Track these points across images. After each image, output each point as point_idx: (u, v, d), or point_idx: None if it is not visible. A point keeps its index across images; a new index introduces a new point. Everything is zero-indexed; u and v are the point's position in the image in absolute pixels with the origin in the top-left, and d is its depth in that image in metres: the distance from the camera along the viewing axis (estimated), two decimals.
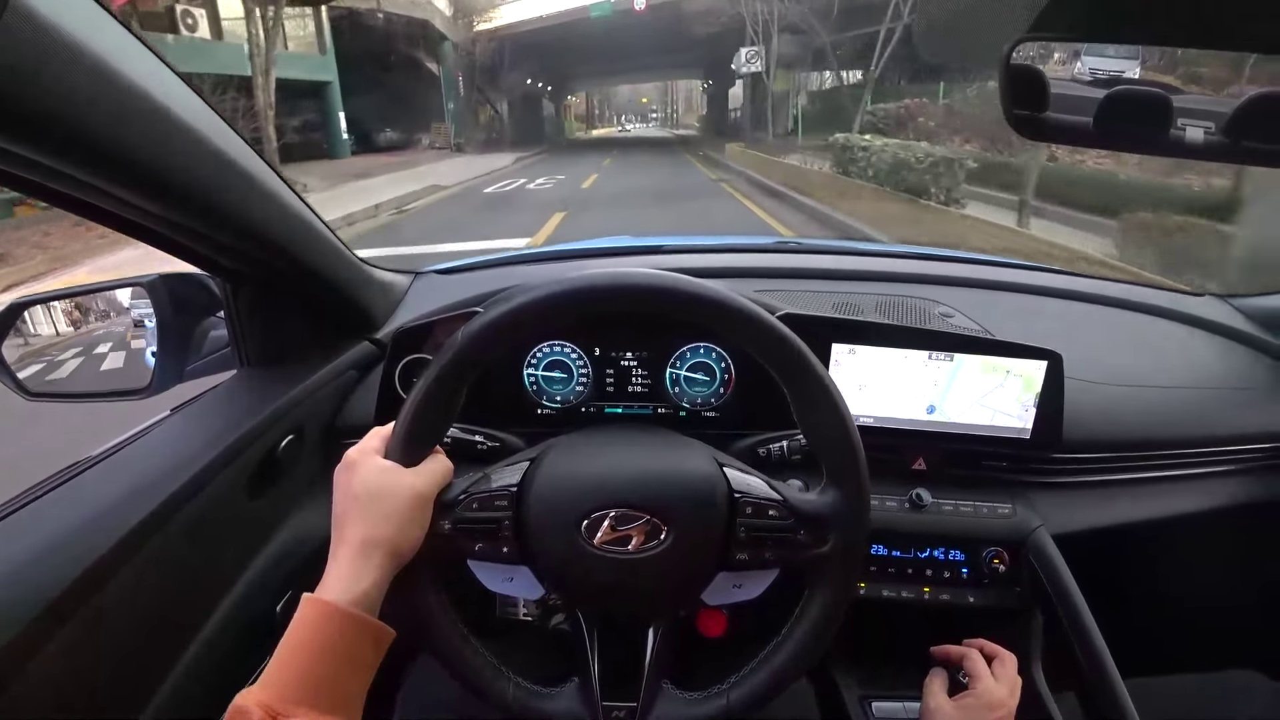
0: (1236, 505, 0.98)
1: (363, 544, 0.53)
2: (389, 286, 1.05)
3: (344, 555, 0.53)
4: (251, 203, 0.67)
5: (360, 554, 0.53)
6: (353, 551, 0.53)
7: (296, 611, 0.51)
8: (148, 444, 0.74)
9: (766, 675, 0.60)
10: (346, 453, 0.58)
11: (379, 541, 0.53)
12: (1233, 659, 1.20)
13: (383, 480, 0.55)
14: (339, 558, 0.53)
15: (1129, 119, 0.68)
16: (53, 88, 0.43)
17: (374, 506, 0.54)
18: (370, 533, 0.53)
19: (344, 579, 0.52)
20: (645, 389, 0.93)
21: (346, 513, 0.55)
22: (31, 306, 0.80)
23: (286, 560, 0.80)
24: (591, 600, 0.64)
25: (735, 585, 0.63)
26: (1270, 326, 1.12)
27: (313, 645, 0.50)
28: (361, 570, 0.52)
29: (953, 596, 0.90)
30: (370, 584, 0.52)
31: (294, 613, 0.51)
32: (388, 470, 0.56)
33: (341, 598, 0.51)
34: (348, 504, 0.55)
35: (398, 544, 0.54)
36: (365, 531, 0.53)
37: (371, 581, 0.52)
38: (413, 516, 0.55)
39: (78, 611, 0.55)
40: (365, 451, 0.58)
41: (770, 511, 0.59)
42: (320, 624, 0.50)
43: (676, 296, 0.57)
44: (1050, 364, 0.86)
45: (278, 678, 0.48)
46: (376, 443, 0.59)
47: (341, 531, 0.54)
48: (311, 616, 0.50)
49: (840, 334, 0.87)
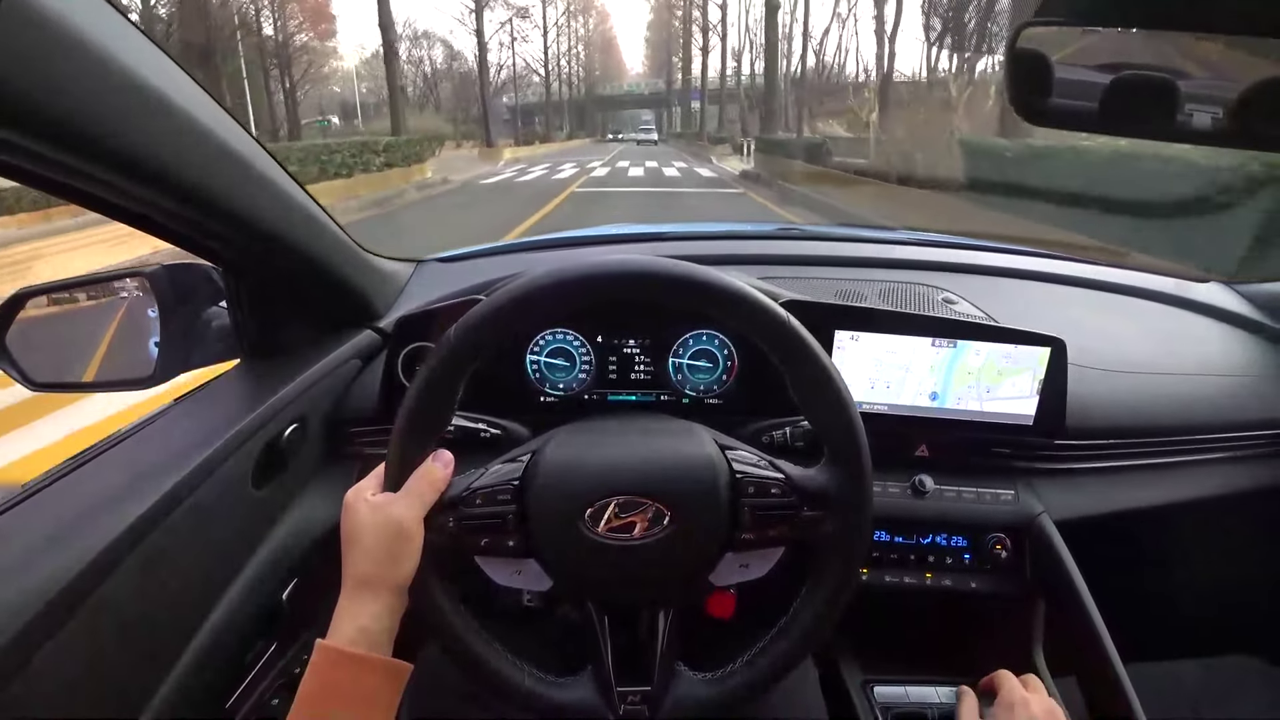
0: (1239, 492, 0.98)
1: (357, 583, 0.56)
2: (391, 275, 1.05)
3: (344, 595, 0.56)
4: (253, 193, 0.67)
5: (354, 592, 0.55)
6: (350, 591, 0.56)
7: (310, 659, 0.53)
8: (151, 434, 0.74)
9: (776, 653, 0.60)
10: (346, 495, 0.60)
11: (370, 578, 0.55)
12: (1234, 645, 1.20)
13: (367, 519, 0.56)
14: (341, 598, 0.56)
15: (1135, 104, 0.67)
16: (53, 78, 0.42)
17: (361, 545, 0.56)
18: (360, 571, 0.56)
19: (343, 618, 0.55)
20: (648, 376, 0.93)
21: (344, 553, 0.57)
22: (35, 296, 0.80)
23: (291, 549, 0.81)
24: (599, 589, 0.64)
25: (742, 565, 0.63)
26: (1275, 312, 1.12)
27: (322, 691, 0.52)
28: (359, 608, 0.55)
29: (955, 582, 0.91)
30: (369, 619, 0.54)
31: (299, 601, 0.52)
32: (373, 507, 0.57)
33: (344, 637, 0.53)
34: (344, 546, 0.58)
35: (386, 578, 0.56)
36: (357, 570, 0.56)
37: (370, 616, 0.54)
38: (396, 550, 0.56)
39: (83, 603, 0.55)
40: (359, 492, 0.59)
41: (773, 490, 0.59)
42: (325, 669, 0.53)
43: (674, 282, 0.57)
44: (1053, 350, 0.85)
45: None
46: (372, 481, 0.60)
47: (344, 572, 0.57)
48: (318, 663, 0.53)
49: (843, 320, 0.87)
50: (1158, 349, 1.06)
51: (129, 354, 0.83)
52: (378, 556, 0.55)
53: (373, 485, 0.59)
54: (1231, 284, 1.21)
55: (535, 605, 0.97)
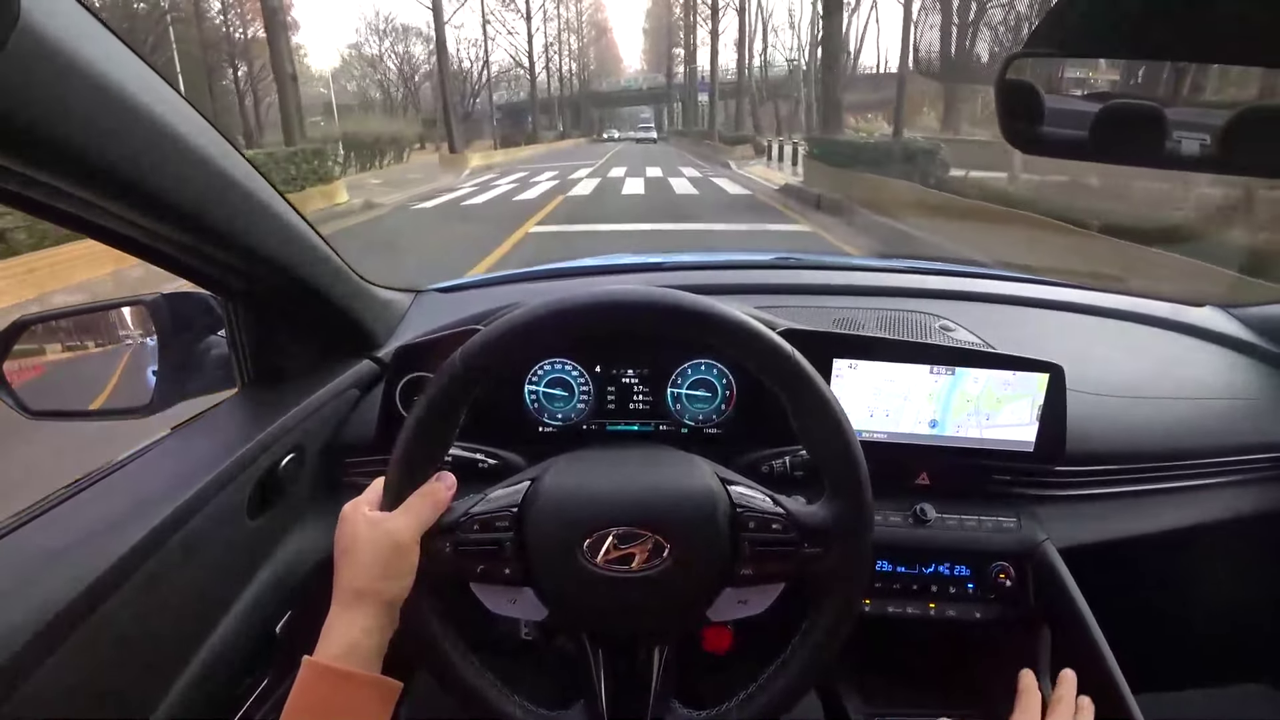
0: (1243, 516, 0.97)
1: (349, 597, 0.55)
2: (390, 305, 1.06)
3: (335, 609, 0.55)
4: (253, 221, 0.67)
5: (347, 605, 0.55)
6: (341, 605, 0.55)
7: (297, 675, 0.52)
8: (147, 463, 0.73)
9: (773, 692, 0.59)
10: (343, 507, 0.59)
11: (363, 593, 0.55)
12: (1243, 672, 1.18)
13: (364, 533, 0.56)
14: (332, 611, 0.55)
15: (1124, 132, 0.69)
16: (54, 107, 0.43)
17: (355, 558, 0.55)
18: (354, 584, 0.55)
19: (332, 632, 0.54)
20: (647, 406, 0.93)
21: (337, 567, 0.57)
22: (35, 325, 0.80)
23: (286, 580, 0.80)
24: (595, 620, 0.63)
25: (741, 601, 0.62)
26: (1272, 336, 1.12)
27: (308, 707, 0.51)
28: (350, 622, 0.54)
29: (959, 612, 0.90)
30: (360, 633, 0.53)
31: (294, 632, 0.51)
32: (373, 522, 0.56)
33: (331, 653, 0.52)
34: (338, 558, 0.57)
35: (381, 593, 0.55)
36: (350, 584, 0.55)
37: (362, 630, 0.53)
38: (393, 565, 0.55)
39: (76, 631, 0.54)
40: (357, 505, 0.59)
41: (773, 525, 0.59)
42: (312, 684, 0.52)
43: (673, 312, 0.57)
44: (1052, 376, 0.85)
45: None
46: (371, 495, 0.60)
47: (336, 586, 0.56)
48: (305, 678, 0.52)
49: (841, 349, 0.87)
50: (1156, 374, 1.06)
51: (127, 383, 0.83)
52: (372, 570, 0.54)
53: (371, 500, 0.59)
54: (1227, 308, 1.22)
55: (532, 638, 0.96)
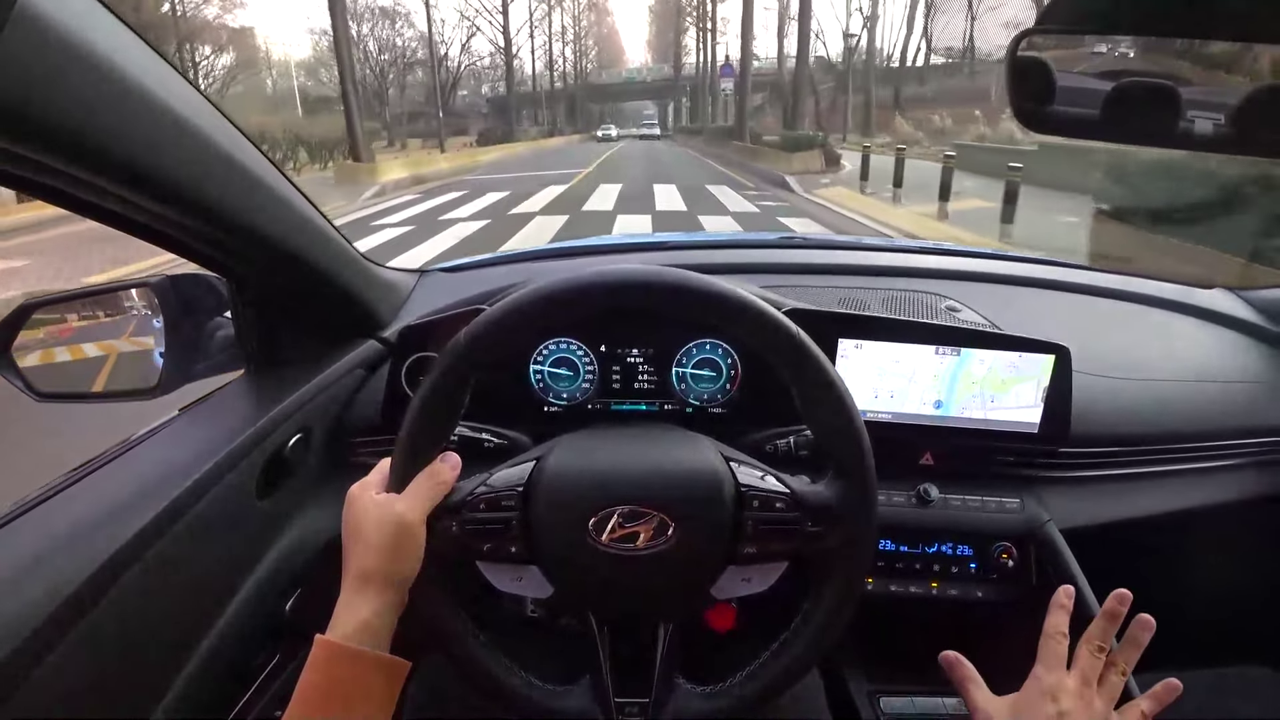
0: (1247, 499, 0.97)
1: (358, 577, 0.55)
2: (394, 285, 1.06)
3: (345, 590, 0.56)
4: (257, 204, 0.67)
5: (357, 587, 0.55)
6: (351, 585, 0.56)
7: (309, 653, 0.53)
8: (156, 445, 0.74)
9: (777, 668, 0.60)
10: (350, 489, 0.60)
11: (371, 573, 0.55)
12: (1243, 652, 1.19)
13: (371, 514, 0.56)
14: (343, 593, 0.56)
15: (1137, 111, 0.67)
16: (59, 90, 0.43)
17: (363, 540, 0.56)
18: (362, 565, 0.55)
19: (343, 612, 0.54)
20: (652, 386, 0.93)
21: (345, 548, 0.57)
22: (41, 308, 0.80)
23: (294, 559, 0.81)
24: (600, 597, 0.63)
25: (744, 579, 0.63)
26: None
27: (321, 685, 0.52)
28: (359, 602, 0.54)
29: (961, 591, 0.90)
30: (370, 614, 0.54)
31: (303, 612, 0.52)
32: (378, 504, 0.57)
33: (342, 632, 0.53)
34: (346, 539, 0.57)
35: (389, 574, 0.55)
36: (358, 564, 0.56)
37: (372, 611, 0.54)
38: (400, 546, 0.56)
39: (87, 613, 0.55)
40: (365, 486, 0.59)
41: (777, 504, 0.59)
42: (323, 663, 0.52)
43: (678, 291, 0.56)
44: (1058, 358, 0.85)
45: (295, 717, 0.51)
46: (377, 477, 0.60)
47: (345, 567, 0.57)
48: (318, 657, 0.53)
49: (847, 329, 0.87)
50: (1163, 356, 1.06)
51: (134, 365, 0.84)
52: (381, 551, 0.55)
53: (377, 482, 0.59)
54: (1236, 290, 1.21)
55: (539, 616, 0.97)
